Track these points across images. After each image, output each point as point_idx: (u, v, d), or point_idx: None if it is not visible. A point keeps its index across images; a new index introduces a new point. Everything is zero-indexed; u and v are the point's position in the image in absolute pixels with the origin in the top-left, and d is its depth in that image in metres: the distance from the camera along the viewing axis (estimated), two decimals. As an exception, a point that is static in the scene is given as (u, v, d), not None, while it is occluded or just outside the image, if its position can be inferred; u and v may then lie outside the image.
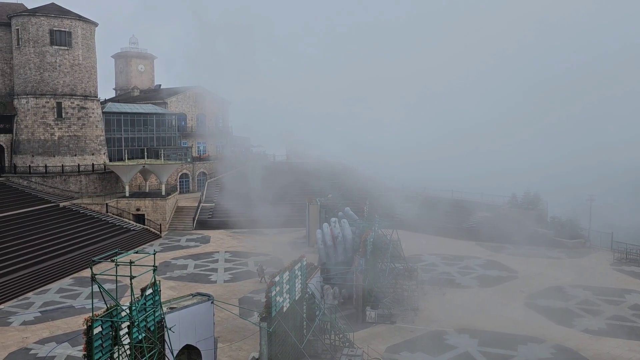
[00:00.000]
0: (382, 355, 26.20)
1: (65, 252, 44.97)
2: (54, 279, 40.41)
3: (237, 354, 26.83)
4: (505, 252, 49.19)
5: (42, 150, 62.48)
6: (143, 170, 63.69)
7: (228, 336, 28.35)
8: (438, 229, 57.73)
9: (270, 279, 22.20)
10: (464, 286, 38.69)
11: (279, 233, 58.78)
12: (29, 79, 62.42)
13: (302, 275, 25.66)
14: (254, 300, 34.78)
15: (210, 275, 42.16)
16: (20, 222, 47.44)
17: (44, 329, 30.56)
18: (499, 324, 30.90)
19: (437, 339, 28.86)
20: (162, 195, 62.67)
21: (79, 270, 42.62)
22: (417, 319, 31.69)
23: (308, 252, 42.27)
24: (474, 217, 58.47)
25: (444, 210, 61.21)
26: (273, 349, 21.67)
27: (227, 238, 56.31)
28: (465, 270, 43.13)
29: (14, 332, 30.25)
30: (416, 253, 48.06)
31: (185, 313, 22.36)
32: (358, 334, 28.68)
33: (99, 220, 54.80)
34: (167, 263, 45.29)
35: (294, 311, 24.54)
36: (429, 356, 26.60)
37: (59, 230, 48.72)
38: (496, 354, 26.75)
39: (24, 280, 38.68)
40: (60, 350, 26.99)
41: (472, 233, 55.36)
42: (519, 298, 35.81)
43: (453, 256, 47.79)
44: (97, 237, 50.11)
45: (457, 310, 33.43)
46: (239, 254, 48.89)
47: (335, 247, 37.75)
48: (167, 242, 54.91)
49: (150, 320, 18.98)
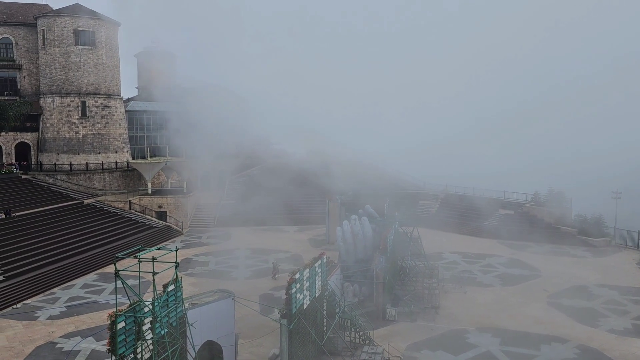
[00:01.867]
0: (403, 353, 26.10)
1: (89, 248, 45.77)
2: (79, 274, 41.19)
3: (257, 350, 27.01)
4: (527, 251, 48.53)
5: (67, 148, 63.66)
6: (165, 167, 64.44)
7: (249, 332, 28.55)
8: (459, 227, 57.27)
9: (291, 276, 22.28)
10: (486, 284, 38.30)
11: (300, 230, 58.94)
12: (54, 79, 63.61)
13: (322, 272, 25.70)
14: (275, 297, 34.95)
15: (231, 271, 42.49)
16: (46, 219, 48.42)
17: (70, 324, 31.17)
18: (521, 323, 30.53)
19: (458, 337, 28.63)
20: (183, 192, 63.35)
21: (103, 266, 43.32)
22: (437, 317, 31.49)
23: (328, 249, 42.28)
24: (496, 215, 57.81)
25: (465, 208, 60.65)
26: (293, 346, 21.77)
27: (248, 235, 56.66)
28: (486, 268, 42.70)
29: (41, 326, 30.93)
30: (437, 251, 47.73)
31: (207, 309, 22.58)
32: (378, 331, 28.62)
33: (122, 217, 55.65)
34: (188, 260, 45.77)
35: (314, 308, 24.60)
36: (450, 355, 26.41)
37: (84, 227, 49.59)
38: (518, 354, 26.43)
39: (50, 275, 39.48)
40: (85, 344, 27.51)
41: (493, 231, 54.73)
42: (542, 297, 35.30)
43: (474, 254, 47.34)
44: (120, 234, 50.89)
45: (479, 308, 33.13)
46: (260, 251, 49.17)
47: (355, 244, 37.68)
48: (188, 238, 55.47)
49: (172, 316, 19.22)
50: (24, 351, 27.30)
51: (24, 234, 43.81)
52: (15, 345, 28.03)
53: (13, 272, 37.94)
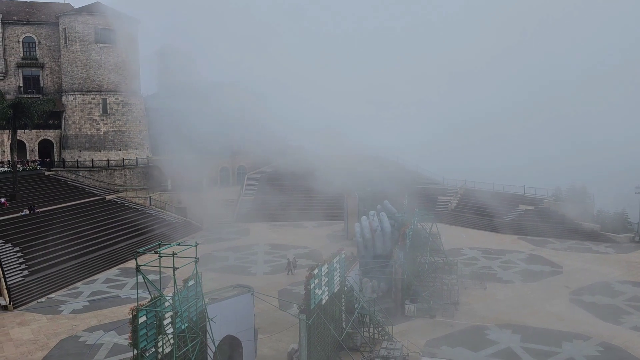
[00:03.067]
0: (422, 349, 26.02)
1: (111, 243, 46.45)
2: (101, 269, 41.87)
3: (276, 345, 27.17)
4: (549, 247, 47.93)
5: (89, 145, 64.65)
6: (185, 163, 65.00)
7: (268, 327, 28.73)
8: (478, 223, 56.82)
9: (310, 272, 22.34)
10: (506, 281, 37.95)
11: (318, 226, 59.03)
12: (76, 77, 64.58)
13: (340, 268, 25.72)
14: (294, 293, 35.10)
15: (250, 267, 42.77)
16: (69, 215, 49.24)
17: (92, 318, 31.73)
18: (542, 320, 30.20)
19: (477, 333, 28.45)
20: (203, 188, 63.86)
21: (124, 261, 43.95)
22: (457, 314, 31.31)
23: (346, 245, 42.29)
24: (516, 211, 57.18)
25: (485, 203, 60.09)
26: (312, 341, 21.85)
27: (267, 231, 56.93)
28: (506, 264, 42.28)
29: (65, 320, 31.53)
30: (456, 247, 47.40)
31: (226, 304, 22.77)
32: (397, 327, 28.56)
33: (142, 212, 56.33)
34: (208, 255, 46.08)
35: (333, 304, 24.65)
36: (470, 351, 26.25)
37: (105, 223, 50.34)
38: (539, 351, 26.16)
39: (73, 270, 40.18)
40: (107, 338, 27.97)
41: (514, 227, 54.18)
42: (564, 293, 34.87)
43: (494, 250, 46.91)
44: (141, 230, 51.53)
45: (499, 305, 32.85)
46: (279, 247, 49.37)
47: (373, 240, 37.63)
48: (208, 234, 55.94)
49: (192, 311, 19.43)
50: (49, 344, 27.87)
51: (47, 230, 44.60)
52: (40, 339, 28.63)
53: (37, 266, 38.71)
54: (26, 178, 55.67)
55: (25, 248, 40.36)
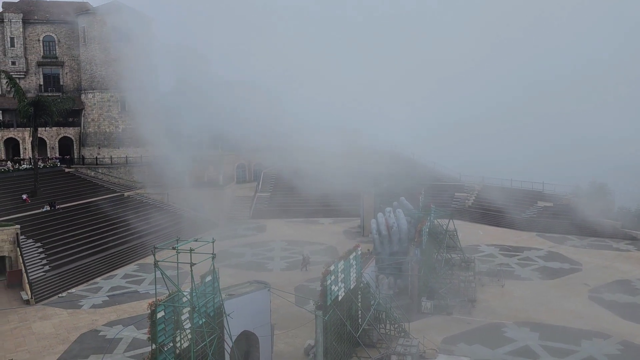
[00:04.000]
0: (438, 347, 25.93)
1: (129, 239, 47.03)
2: (120, 265, 42.42)
3: (293, 341, 27.29)
4: (568, 244, 47.35)
5: (108, 142, 65.48)
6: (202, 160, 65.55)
7: (284, 323, 28.85)
8: (496, 219, 56.33)
9: (326, 268, 22.38)
10: (524, 278, 37.59)
11: (334, 222, 59.07)
12: (95, 75, 65.40)
13: (357, 264, 25.72)
14: (310, 289, 35.19)
15: (266, 263, 42.98)
16: (88, 211, 49.97)
17: (112, 312, 32.19)
18: (561, 318, 29.87)
19: (495, 331, 28.26)
20: (220, 185, 64.29)
21: (143, 257, 44.43)
22: (474, 311, 31.12)
23: (362, 241, 42.24)
24: (535, 207, 56.56)
25: (503, 200, 59.51)
26: (328, 337, 21.90)
27: (283, 227, 57.12)
28: (525, 261, 41.88)
29: (85, 314, 32.03)
30: (473, 243, 47.08)
31: (243, 300, 22.93)
32: (413, 324, 28.50)
33: (160, 209, 56.91)
34: (225, 251, 46.41)
35: (349, 300, 24.67)
36: (487, 348, 26.09)
37: (124, 219, 50.93)
38: (558, 349, 25.89)
39: (93, 265, 40.79)
40: (126, 332, 28.36)
41: (532, 224, 53.60)
42: (583, 291, 34.44)
43: (512, 247, 46.49)
44: (158, 226, 52.07)
45: (517, 302, 32.57)
46: (295, 243, 49.52)
47: (390, 237, 37.51)
48: (224, 230, 56.21)
49: (209, 306, 19.61)
50: (69, 338, 28.35)
51: (67, 226, 45.34)
52: (61, 333, 29.13)
53: (58, 262, 39.37)
54: (47, 175, 56.57)
55: (47, 244, 41.06)
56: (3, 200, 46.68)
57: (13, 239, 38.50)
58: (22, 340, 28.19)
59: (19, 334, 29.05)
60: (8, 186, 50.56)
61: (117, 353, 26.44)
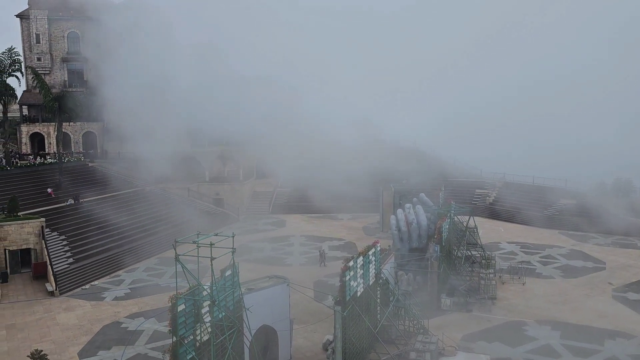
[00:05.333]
0: (458, 344, 25.76)
1: (150, 233, 47.65)
2: (142, 258, 43.02)
3: (311, 335, 27.39)
4: (591, 242, 46.57)
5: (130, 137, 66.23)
6: (222, 155, 65.98)
7: (303, 318, 28.97)
8: (517, 217, 55.65)
9: (345, 264, 22.38)
10: (546, 276, 37.11)
11: (353, 218, 59.02)
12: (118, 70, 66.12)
13: (376, 260, 25.67)
14: (328, 284, 35.24)
15: (286, 258, 43.15)
16: (111, 205, 50.67)
17: (134, 305, 32.68)
18: (583, 317, 29.43)
19: (515, 329, 27.97)
20: (240, 180, 64.69)
21: (164, 250, 44.96)
22: (494, 309, 30.84)
23: (381, 237, 42.13)
24: (557, 205, 55.73)
25: (524, 196, 58.78)
26: (347, 333, 21.92)
27: (302, 222, 57.28)
28: (546, 259, 41.32)
29: (107, 306, 32.60)
30: (494, 241, 46.64)
31: (263, 294, 23.08)
32: (433, 321, 28.34)
33: (181, 203, 57.51)
34: (244, 245, 46.72)
35: (368, 296, 24.65)
36: (507, 347, 25.85)
37: (145, 213, 51.65)
38: (580, 348, 25.52)
39: (115, 258, 41.44)
40: (148, 325, 28.77)
41: (554, 221, 52.85)
42: (606, 290, 33.86)
43: (534, 245, 45.89)
44: (179, 220, 52.61)
45: (538, 300, 32.18)
46: (314, 238, 49.61)
47: (409, 233, 37.38)
48: (244, 225, 56.64)
49: (229, 300, 19.77)
50: (92, 329, 28.89)
51: (91, 219, 46.10)
52: (85, 324, 29.70)
53: (82, 255, 40.10)
54: (71, 169, 57.56)
55: (71, 237, 41.85)
56: (29, 193, 47.65)
57: (38, 231, 39.31)
58: (47, 331, 28.82)
59: (44, 325, 29.70)
60: (33, 180, 51.59)
61: (138, 345, 26.86)
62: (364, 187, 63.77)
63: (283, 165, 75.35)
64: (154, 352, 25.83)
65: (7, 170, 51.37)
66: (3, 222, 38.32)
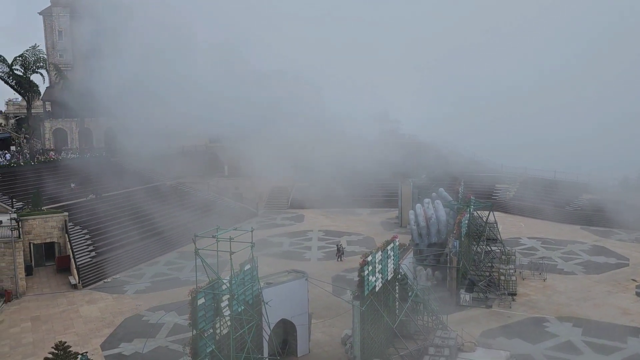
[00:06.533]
0: (477, 340, 25.59)
1: (171, 227, 48.16)
2: (162, 252, 43.56)
3: (330, 330, 27.47)
4: (614, 238, 45.78)
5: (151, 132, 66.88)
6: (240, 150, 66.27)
7: (321, 312, 29.05)
8: (538, 212, 54.91)
9: (363, 258, 22.36)
10: (567, 272, 36.61)
11: (372, 213, 58.88)
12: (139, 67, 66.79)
13: (394, 255, 25.61)
14: (347, 279, 35.27)
15: (304, 253, 43.28)
16: (132, 200, 51.37)
17: (154, 298, 33.13)
18: (606, 314, 29.00)
19: (536, 325, 27.68)
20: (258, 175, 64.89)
21: (184, 245, 45.42)
22: (514, 305, 30.55)
23: (400, 232, 41.96)
24: (579, 200, 54.83)
25: (545, 191, 57.96)
26: (365, 327, 21.94)
27: (321, 217, 57.34)
28: (568, 255, 40.75)
29: (129, 299, 33.10)
30: (514, 236, 46.14)
31: (281, 289, 23.22)
32: (452, 316, 28.20)
33: (201, 198, 58.02)
34: (263, 240, 46.98)
35: (387, 291, 24.62)
36: (528, 343, 25.60)
37: (165, 207, 52.17)
38: (602, 345, 25.16)
39: (137, 252, 42.04)
40: (168, 318, 29.14)
41: (576, 216, 52.04)
42: (630, 287, 33.25)
43: (555, 240, 45.28)
44: (199, 214, 53.08)
45: (559, 297, 31.78)
46: (332, 233, 49.65)
47: (428, 228, 37.18)
48: (263, 220, 56.93)
49: (248, 294, 19.93)
50: (114, 322, 29.38)
51: (112, 214, 46.75)
52: (107, 317, 30.22)
53: (104, 248, 40.75)
54: (93, 165, 58.38)
55: (93, 231, 42.53)
56: (52, 188, 48.49)
57: (62, 225, 40.03)
58: (70, 323, 29.40)
59: (68, 317, 30.29)
60: (56, 175, 52.44)
61: (159, 337, 27.24)
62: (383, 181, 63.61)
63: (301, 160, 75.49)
64: (175, 345, 26.17)
65: (31, 165, 52.34)
66: (27, 216, 39.10)
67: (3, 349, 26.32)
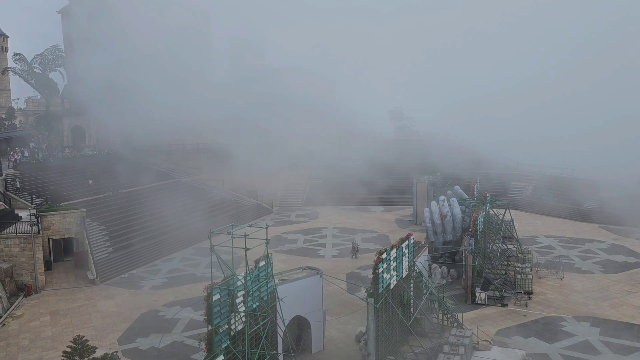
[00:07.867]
0: (492, 338, 25.43)
1: (186, 223, 48.48)
2: (178, 248, 43.92)
3: (344, 327, 27.49)
4: (633, 236, 45.10)
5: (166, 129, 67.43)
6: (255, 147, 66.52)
7: (336, 310, 29.08)
8: (555, 210, 54.33)
9: (378, 255, 22.33)
10: (585, 271, 36.17)
11: (386, 210, 58.74)
12: (155, 65, 67.34)
13: (409, 253, 25.52)
14: (361, 276, 35.25)
15: (319, 250, 43.34)
16: (148, 196, 51.83)
17: (170, 294, 33.44)
18: (624, 313, 28.60)
19: (552, 325, 27.40)
20: (273, 172, 65.11)
21: (199, 241, 45.74)
22: (530, 303, 30.28)
23: (415, 230, 41.85)
24: (597, 198, 54.09)
25: (562, 189, 57.27)
26: (380, 325, 21.91)
27: (335, 214, 57.35)
28: (586, 254, 40.25)
29: (145, 295, 33.45)
30: (531, 234, 45.71)
31: (296, 285, 23.29)
32: (467, 314, 28.05)
33: (216, 195, 58.36)
34: (278, 237, 47.19)
35: (401, 288, 24.55)
36: (544, 342, 25.36)
37: (181, 204, 52.54)
38: (621, 345, 24.83)
39: (153, 248, 42.45)
40: (184, 313, 29.41)
41: (594, 215, 51.34)
42: (649, 286, 32.78)
43: (572, 239, 44.76)
44: (214, 211, 53.41)
45: (576, 296, 31.42)
46: (347, 230, 49.64)
47: (443, 226, 37.01)
48: (278, 216, 57.13)
49: (263, 291, 20.02)
50: (131, 317, 29.71)
51: (129, 210, 47.25)
52: (124, 312, 30.58)
53: (120, 244, 41.20)
54: (110, 161, 59.06)
55: (110, 226, 43.01)
56: (70, 184, 49.15)
57: (80, 221, 40.55)
58: (88, 318, 29.81)
59: (85, 312, 30.72)
60: (74, 171, 53.14)
61: (175, 332, 27.50)
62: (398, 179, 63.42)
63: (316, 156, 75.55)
64: (190, 340, 26.41)
65: (50, 162, 53.08)
66: (47, 212, 39.67)
67: (23, 342, 26.79)
